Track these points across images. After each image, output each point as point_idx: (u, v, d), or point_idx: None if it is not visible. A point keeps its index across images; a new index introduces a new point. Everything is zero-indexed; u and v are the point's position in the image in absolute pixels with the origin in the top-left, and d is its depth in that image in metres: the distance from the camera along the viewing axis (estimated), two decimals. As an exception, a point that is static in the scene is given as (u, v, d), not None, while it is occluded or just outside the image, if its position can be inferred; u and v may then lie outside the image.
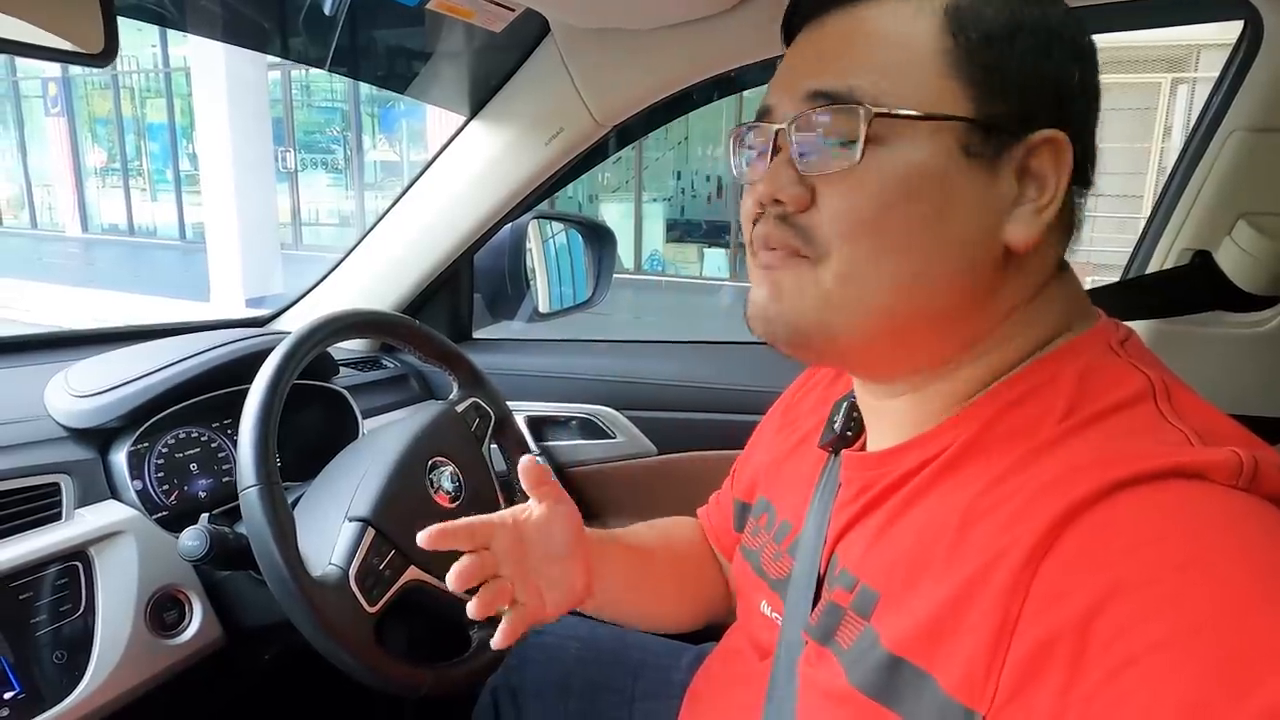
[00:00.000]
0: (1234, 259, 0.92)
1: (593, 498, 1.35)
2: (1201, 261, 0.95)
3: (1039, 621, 0.40)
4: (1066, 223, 0.53)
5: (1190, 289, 0.95)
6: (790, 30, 0.56)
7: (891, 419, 0.57)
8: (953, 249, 0.49)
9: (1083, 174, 0.52)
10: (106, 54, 0.61)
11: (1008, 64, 0.48)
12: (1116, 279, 1.07)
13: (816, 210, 0.50)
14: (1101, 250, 8.10)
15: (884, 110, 0.48)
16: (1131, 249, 1.11)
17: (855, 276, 0.50)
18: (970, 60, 0.48)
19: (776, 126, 0.52)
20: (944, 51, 0.48)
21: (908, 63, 0.49)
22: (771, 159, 0.53)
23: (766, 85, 0.59)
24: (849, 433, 0.64)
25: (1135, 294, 0.98)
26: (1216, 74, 0.98)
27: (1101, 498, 0.41)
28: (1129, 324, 0.57)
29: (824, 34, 0.52)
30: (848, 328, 0.52)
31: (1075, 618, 0.39)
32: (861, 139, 0.48)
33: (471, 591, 0.86)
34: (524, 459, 0.68)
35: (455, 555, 0.86)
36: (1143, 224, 1.09)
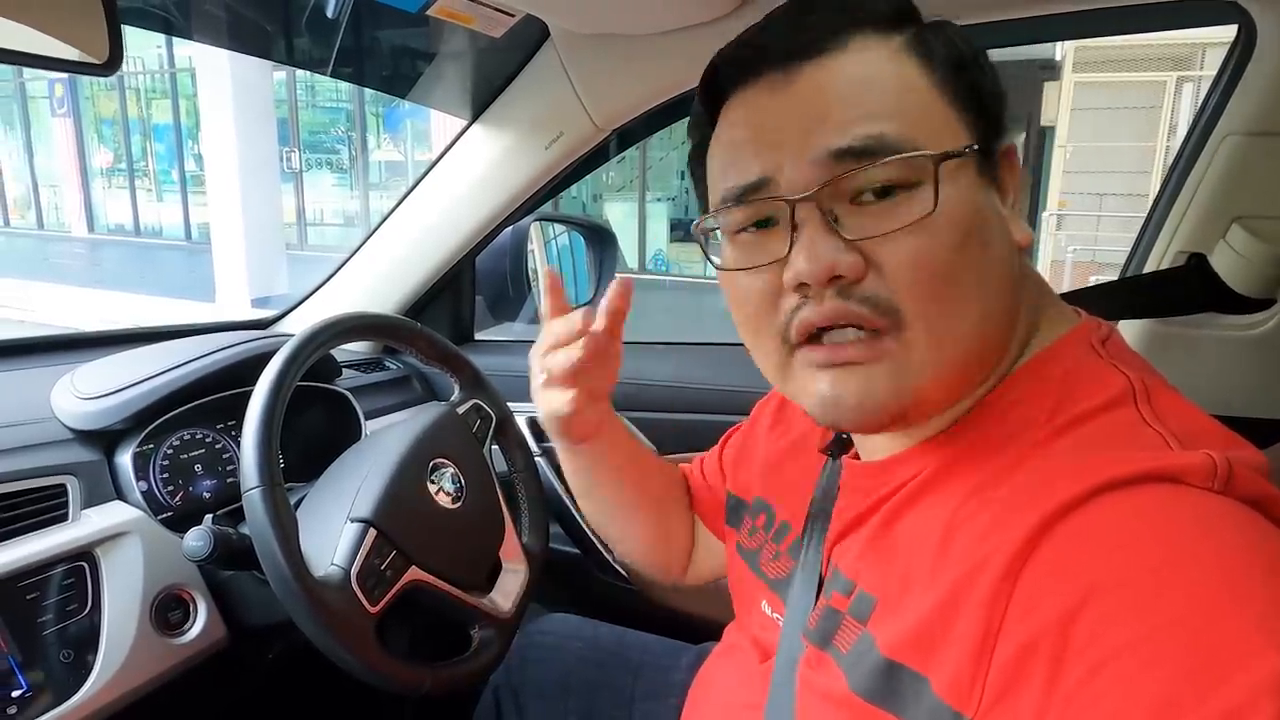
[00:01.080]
0: (1228, 262, 0.92)
1: (593, 498, 1.36)
2: (1196, 264, 0.95)
3: (1021, 627, 0.41)
4: None
5: (1185, 290, 0.95)
6: (722, 87, 0.54)
7: (889, 436, 0.57)
8: (1002, 270, 0.50)
9: None
10: (111, 64, 0.62)
11: (980, 85, 0.51)
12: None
13: (877, 275, 0.47)
14: (1106, 249, 8.10)
15: (944, 153, 0.46)
16: (1129, 251, 1.11)
17: (944, 333, 0.48)
18: (957, 89, 0.50)
19: (795, 199, 0.48)
20: (937, 86, 0.49)
21: (916, 102, 0.49)
22: (793, 234, 0.49)
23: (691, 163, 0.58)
24: (844, 435, 0.65)
25: (1130, 293, 0.99)
26: (1214, 76, 0.98)
27: (1078, 504, 0.42)
28: (1123, 322, 0.58)
29: (803, 86, 0.49)
30: (940, 387, 0.50)
31: (1054, 622, 0.39)
32: (933, 186, 0.46)
33: (472, 590, 0.88)
34: (620, 278, 0.70)
35: (456, 555, 0.87)
36: (1140, 226, 1.09)
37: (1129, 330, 0.98)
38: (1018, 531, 0.43)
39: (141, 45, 12.36)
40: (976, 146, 0.49)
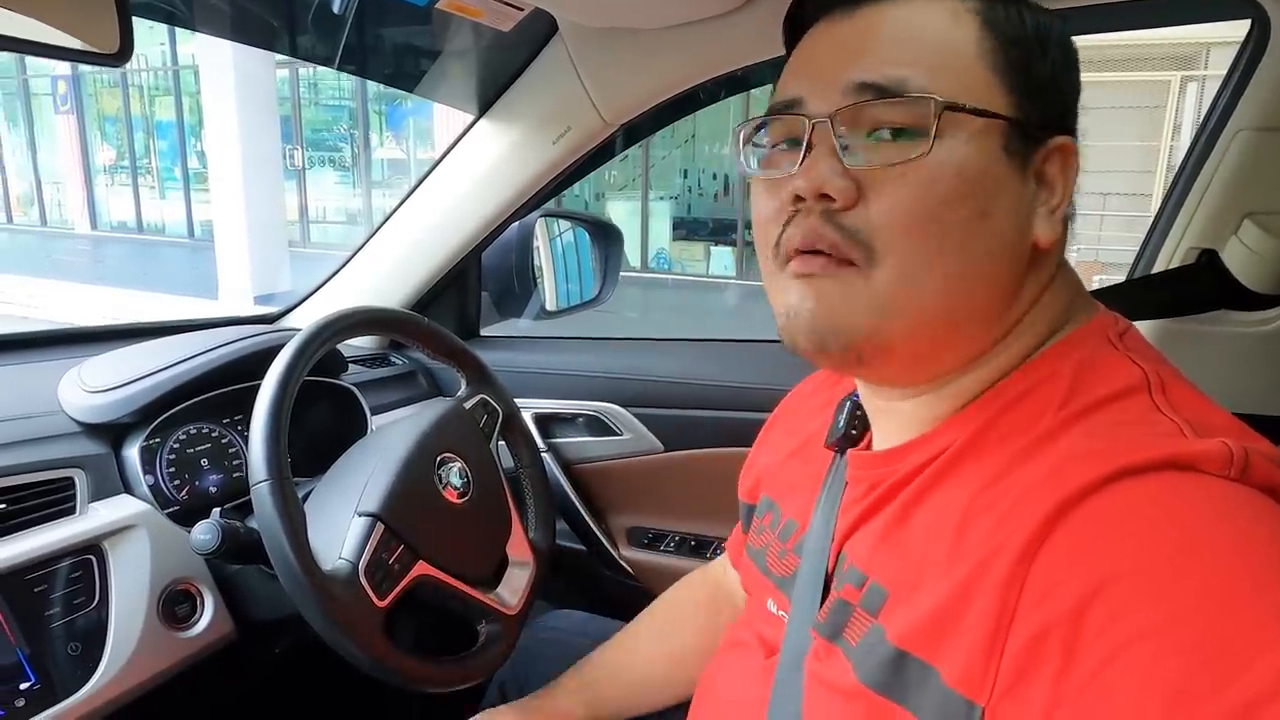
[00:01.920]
0: (1240, 258, 0.92)
1: (599, 495, 1.36)
2: (1208, 260, 0.95)
3: (1034, 614, 0.41)
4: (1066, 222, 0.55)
5: (1196, 288, 0.95)
6: (801, 21, 0.56)
7: (899, 419, 0.58)
8: (996, 247, 0.50)
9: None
10: (122, 54, 0.62)
11: (1039, 69, 0.50)
12: (1124, 276, 1.07)
13: (865, 208, 0.49)
14: (1110, 249, 8.09)
15: (951, 103, 0.47)
16: (1139, 248, 1.11)
17: (913, 277, 0.49)
18: (1009, 62, 0.50)
19: (814, 119, 0.50)
20: (987, 51, 0.49)
21: (956, 59, 0.49)
22: (805, 153, 0.50)
23: (773, 84, 0.58)
24: (854, 431, 0.64)
25: (1141, 293, 0.98)
26: (1226, 72, 0.98)
27: (1093, 491, 0.42)
28: (1135, 322, 0.58)
29: (857, 26, 0.51)
30: (902, 333, 0.50)
31: (1068, 610, 0.39)
32: (932, 132, 0.47)
33: (479, 585, 0.88)
34: None
35: (463, 550, 0.87)
36: (1151, 223, 1.09)
37: (1141, 329, 0.97)
38: (1032, 518, 0.43)
39: (145, 42, 12.30)
40: (1007, 118, 0.49)
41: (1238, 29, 0.93)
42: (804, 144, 0.50)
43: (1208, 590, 0.36)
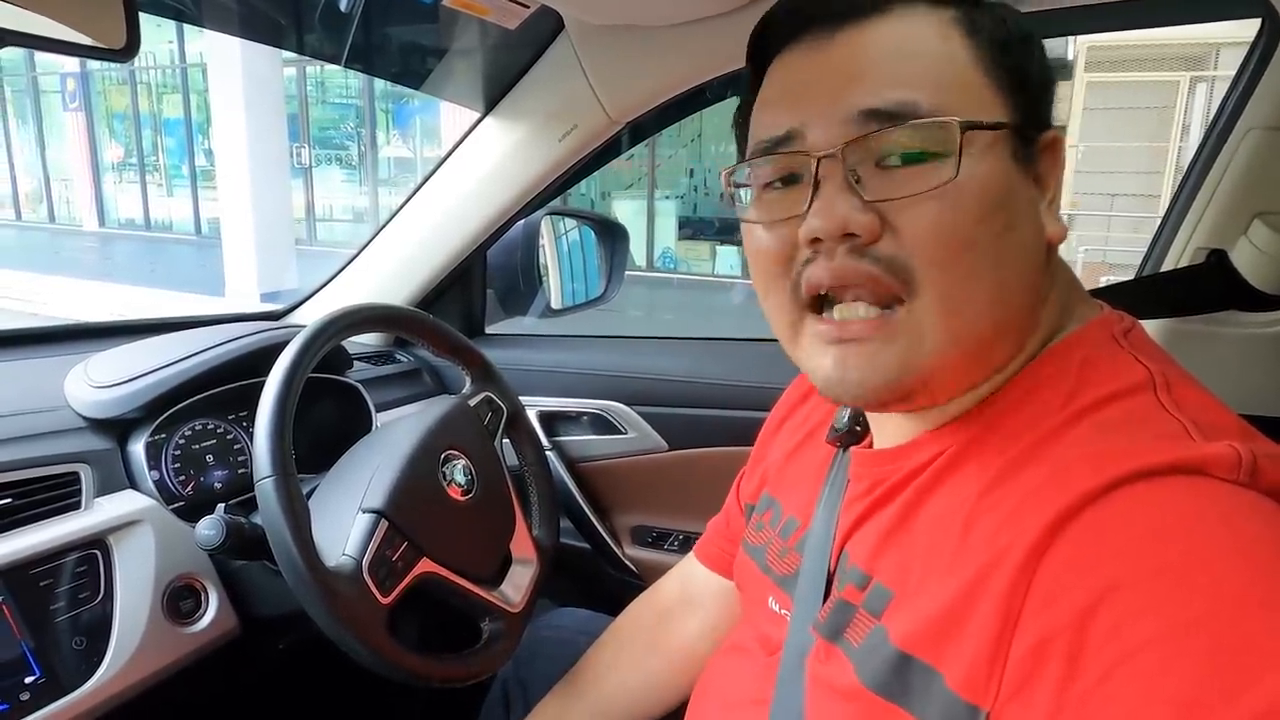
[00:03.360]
0: (1249, 258, 0.91)
1: (603, 493, 1.35)
2: (1216, 260, 0.94)
3: (1038, 620, 0.40)
4: None
5: (1205, 288, 0.94)
6: (768, 44, 0.54)
7: (901, 420, 0.57)
8: (1024, 255, 0.50)
9: None
10: (128, 49, 0.62)
11: (1026, 69, 0.50)
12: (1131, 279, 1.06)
13: (894, 238, 0.47)
14: (1117, 250, 8.06)
15: (970, 121, 0.46)
16: (1147, 247, 1.10)
17: (955, 303, 0.47)
18: (1000, 67, 0.49)
19: (820, 154, 0.48)
20: (979, 61, 0.49)
21: (954, 74, 0.48)
22: (814, 190, 0.48)
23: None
24: (858, 428, 0.64)
25: (1149, 292, 0.98)
26: (1236, 71, 0.97)
27: (1099, 495, 0.41)
28: (1142, 321, 0.57)
29: (842, 49, 0.49)
30: (947, 363, 0.49)
31: (1073, 616, 0.39)
32: (957, 153, 0.45)
33: (483, 583, 0.88)
34: None
35: (467, 547, 0.87)
36: (1159, 223, 1.08)
37: (1148, 328, 0.97)
38: (1037, 522, 0.42)
39: (153, 40, 12.40)
40: (1011, 125, 0.48)
41: (1248, 29, 0.93)
42: (813, 182, 0.48)
43: (1215, 599, 0.36)
